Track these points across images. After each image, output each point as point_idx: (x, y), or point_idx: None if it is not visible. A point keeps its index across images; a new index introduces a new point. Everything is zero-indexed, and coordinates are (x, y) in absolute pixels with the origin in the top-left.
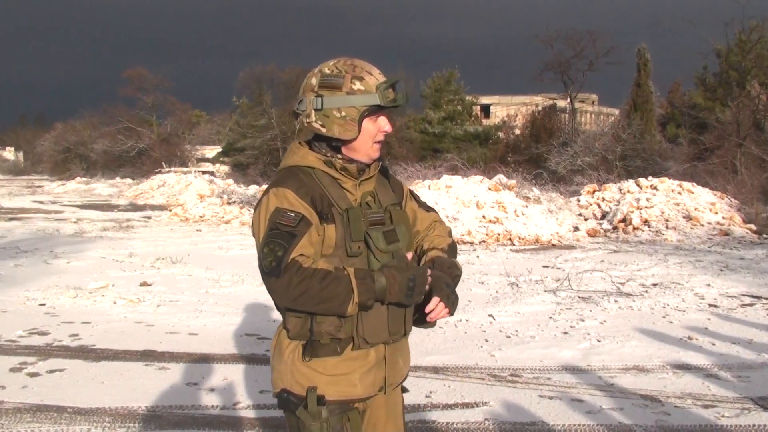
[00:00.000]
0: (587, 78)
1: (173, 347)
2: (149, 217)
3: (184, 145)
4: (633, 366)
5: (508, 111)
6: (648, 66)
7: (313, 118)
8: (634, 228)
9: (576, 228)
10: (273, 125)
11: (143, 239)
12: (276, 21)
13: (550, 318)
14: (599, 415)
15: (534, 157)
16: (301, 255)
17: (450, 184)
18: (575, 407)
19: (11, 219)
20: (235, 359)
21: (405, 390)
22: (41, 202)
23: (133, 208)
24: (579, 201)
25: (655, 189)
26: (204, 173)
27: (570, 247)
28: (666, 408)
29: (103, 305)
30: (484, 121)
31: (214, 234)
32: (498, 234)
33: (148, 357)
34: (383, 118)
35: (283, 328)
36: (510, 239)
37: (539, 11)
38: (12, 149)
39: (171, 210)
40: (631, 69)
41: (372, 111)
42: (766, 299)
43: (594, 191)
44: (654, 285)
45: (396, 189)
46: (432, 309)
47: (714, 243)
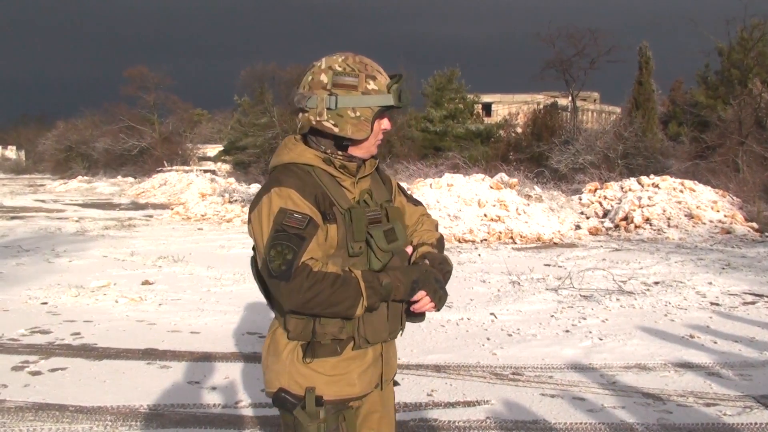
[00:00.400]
0: (589, 76)
1: (175, 346)
2: (151, 216)
3: (185, 144)
4: (635, 364)
5: (509, 109)
6: (650, 64)
7: (326, 116)
8: (635, 226)
9: (578, 226)
10: (274, 124)
11: (145, 238)
12: (277, 19)
13: (551, 316)
14: (601, 414)
15: (536, 156)
16: (311, 258)
17: (452, 182)
18: (577, 405)
19: (13, 218)
20: (237, 358)
21: (396, 383)
22: (43, 200)
23: (135, 206)
24: (581, 199)
25: (657, 187)
26: (205, 172)
27: (572, 246)
28: (668, 406)
29: (105, 304)
30: (485, 120)
31: (215, 233)
32: (500, 232)
33: (149, 355)
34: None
35: (282, 329)
36: (512, 238)
37: (541, 10)
38: (14, 148)
39: (173, 209)
40: (633, 67)
41: (382, 110)
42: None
43: (596, 189)
44: (656, 283)
45: (386, 184)
46: (417, 300)
47: (716, 241)
